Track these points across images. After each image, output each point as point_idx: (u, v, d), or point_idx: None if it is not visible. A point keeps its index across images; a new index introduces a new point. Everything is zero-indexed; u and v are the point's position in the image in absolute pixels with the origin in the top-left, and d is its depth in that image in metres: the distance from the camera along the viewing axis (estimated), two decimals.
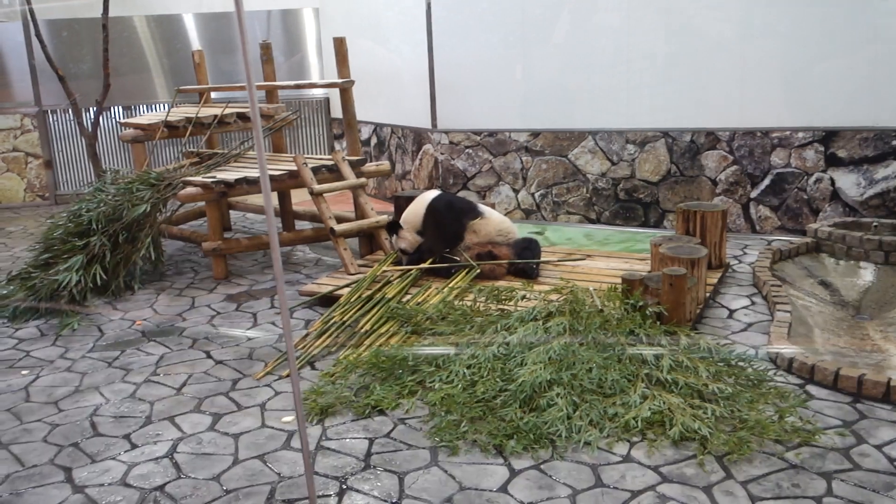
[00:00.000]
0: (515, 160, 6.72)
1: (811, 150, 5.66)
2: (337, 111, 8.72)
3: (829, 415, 3.15)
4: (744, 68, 5.82)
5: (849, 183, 5.56)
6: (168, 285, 5.32)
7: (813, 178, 5.67)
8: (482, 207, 4.91)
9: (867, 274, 4.63)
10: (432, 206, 4.89)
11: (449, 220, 4.82)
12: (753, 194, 5.91)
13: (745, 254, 5.42)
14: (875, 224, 5.01)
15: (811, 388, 3.37)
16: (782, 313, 3.99)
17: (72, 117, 8.32)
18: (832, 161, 5.60)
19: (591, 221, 6.51)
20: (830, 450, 2.90)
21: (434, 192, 5.03)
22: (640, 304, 3.77)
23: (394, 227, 4.99)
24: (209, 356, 4.03)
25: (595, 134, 6.40)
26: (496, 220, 4.87)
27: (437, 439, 3.04)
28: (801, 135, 5.67)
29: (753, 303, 4.43)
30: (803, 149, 5.68)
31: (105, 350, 4.20)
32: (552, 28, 6.41)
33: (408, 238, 4.89)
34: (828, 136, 5.59)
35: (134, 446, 3.14)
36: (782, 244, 5.07)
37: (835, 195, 5.61)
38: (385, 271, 4.73)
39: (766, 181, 5.83)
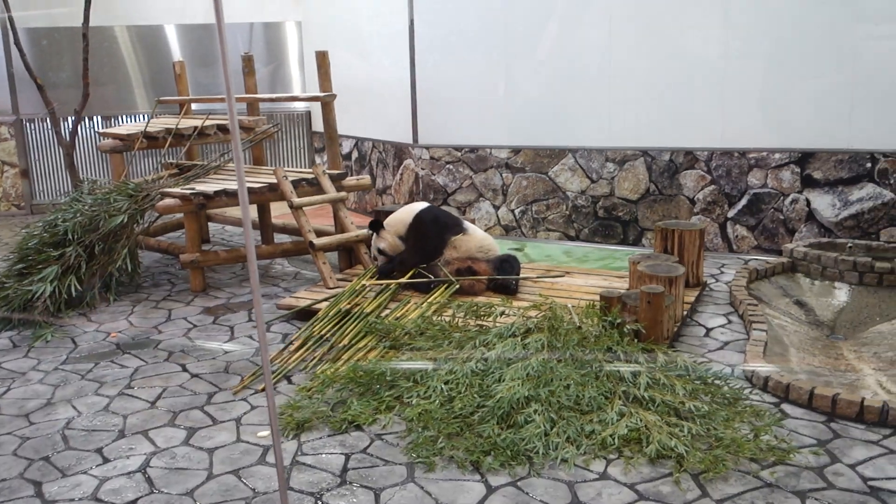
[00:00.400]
0: (496, 176, 6.73)
1: (787, 171, 5.71)
2: (318, 125, 8.71)
3: (804, 433, 3.16)
4: (723, 89, 5.86)
5: (824, 204, 5.61)
6: (144, 297, 5.28)
7: (789, 199, 5.72)
8: (466, 224, 4.92)
9: (842, 294, 4.66)
10: (419, 218, 4.90)
11: (432, 234, 4.82)
12: (731, 214, 5.94)
13: (722, 272, 5.44)
14: (850, 245, 5.04)
15: (786, 407, 3.38)
16: (758, 332, 4.01)
17: (49, 126, 8.23)
18: (808, 182, 5.65)
19: (571, 238, 6.54)
20: (805, 468, 2.90)
21: (423, 204, 5.03)
22: (618, 321, 3.77)
23: (377, 225, 4.95)
24: (185, 369, 3.99)
25: (575, 152, 6.42)
26: (478, 237, 4.87)
27: (413, 455, 3.03)
28: (777, 156, 5.72)
29: (730, 321, 4.45)
30: (780, 169, 5.72)
31: (78, 362, 4.15)
32: (534, 45, 6.43)
33: (388, 240, 4.89)
34: (804, 158, 5.63)
35: (106, 460, 3.10)
36: (759, 263, 5.06)
37: (810, 216, 5.66)
38: (364, 285, 4.72)
39: (744, 201, 5.87)
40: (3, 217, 8.46)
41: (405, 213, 4.95)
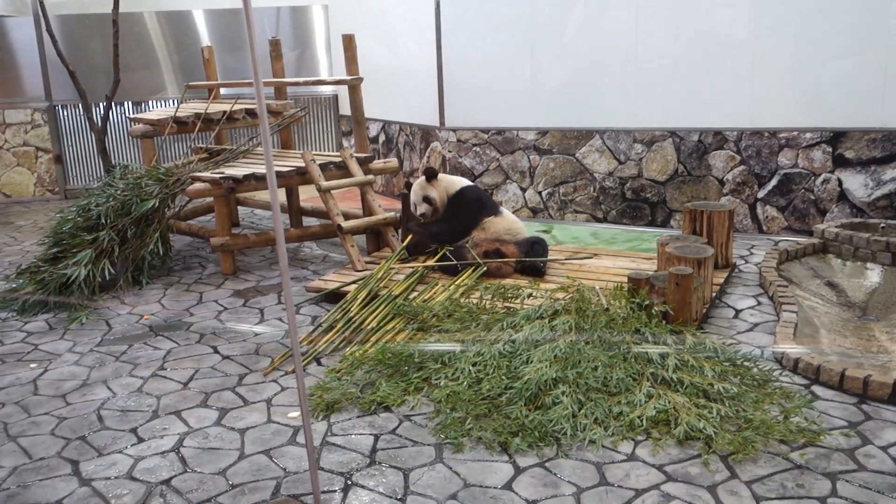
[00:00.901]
0: (523, 158, 6.73)
1: (819, 151, 5.64)
2: (345, 108, 8.71)
3: (835, 415, 3.13)
4: (753, 67, 5.78)
5: (856, 184, 5.54)
6: (176, 280, 5.32)
7: (820, 179, 5.66)
8: (502, 207, 4.99)
9: (874, 275, 4.60)
10: (462, 193, 4.91)
11: (472, 211, 4.84)
12: (760, 194, 5.90)
13: (751, 254, 5.41)
14: (882, 225, 4.99)
15: (816, 389, 3.35)
16: (788, 314, 3.98)
17: (82, 112, 8.31)
18: (840, 162, 5.58)
19: (598, 220, 6.52)
20: (835, 450, 2.88)
21: (467, 181, 5.06)
22: (646, 303, 3.77)
23: (432, 173, 4.91)
24: (216, 351, 4.02)
25: (603, 133, 6.39)
26: (508, 220, 4.91)
27: (442, 436, 3.03)
28: (808, 135, 5.66)
29: (759, 303, 4.43)
30: (811, 149, 5.67)
31: (113, 344, 4.19)
32: (561, 26, 6.39)
33: (438, 192, 4.85)
34: (836, 137, 5.56)
35: (140, 440, 3.13)
36: (789, 245, 5.06)
37: (842, 196, 5.59)
38: (392, 268, 4.74)
39: (774, 181, 5.83)
40: (38, 202, 8.59)
41: (450, 183, 4.96)
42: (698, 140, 6.06)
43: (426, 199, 4.89)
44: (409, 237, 4.88)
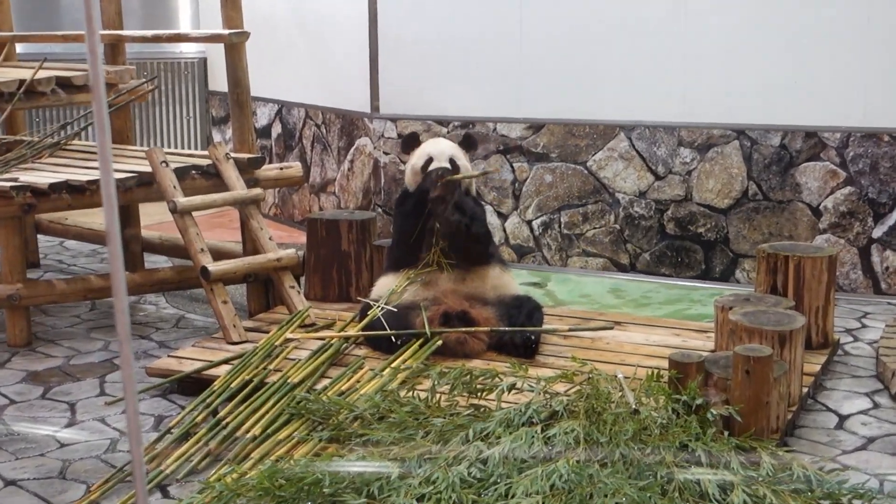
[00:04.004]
0: (503, 167, 6.72)
1: None
2: (219, 81, 8.59)
3: None
4: (865, 42, 5.87)
5: None
6: None
7: None
8: (493, 249, 5.24)
9: None
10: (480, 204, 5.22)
11: (478, 218, 5.05)
12: (877, 233, 6.00)
13: (863, 326, 5.47)
14: None
15: None
16: None
17: None
18: None
19: (622, 268, 6.53)
20: None
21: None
22: (698, 402, 3.81)
23: (411, 142, 5.18)
24: None
25: (631, 130, 6.41)
26: (495, 270, 5.11)
27: None
28: None
29: (876, 404, 4.46)
30: None
31: None
32: None
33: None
34: None
35: None
36: None
37: None
38: (290, 340, 4.79)
39: None
40: None
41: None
42: (780, 145, 6.11)
43: (453, 163, 5.04)
44: (432, 194, 4.93)
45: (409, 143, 5.19)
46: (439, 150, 5.11)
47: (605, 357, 4.67)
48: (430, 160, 5.04)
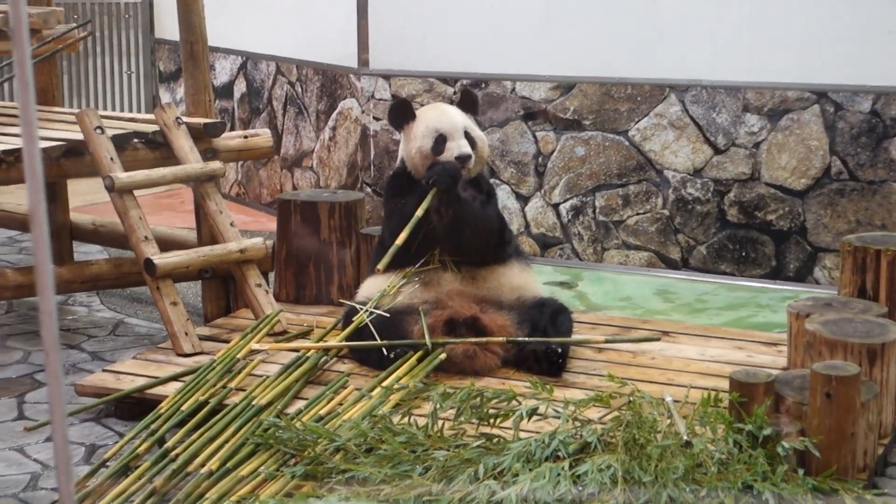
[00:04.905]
0: (523, 136, 6.68)
1: None
2: (167, 28, 8.85)
3: None
4: None
5: None
6: None
7: None
8: (513, 246, 5.30)
9: None
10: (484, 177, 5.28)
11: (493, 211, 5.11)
12: None
13: None
14: None
15: None
16: None
17: None
18: None
19: (672, 265, 6.57)
20: None
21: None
22: (766, 432, 3.76)
23: (403, 113, 5.13)
24: None
25: (684, 91, 6.46)
26: (513, 269, 5.09)
27: None
28: None
29: None
30: None
31: None
32: None
33: (478, 151, 5.08)
34: None
35: None
36: None
37: None
38: (255, 351, 4.77)
39: None
40: None
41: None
42: (871, 110, 6.14)
43: (468, 136, 5.01)
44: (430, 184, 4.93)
45: (400, 113, 5.15)
46: (451, 123, 5.05)
47: (650, 376, 4.68)
48: (441, 138, 4.99)
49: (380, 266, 4.82)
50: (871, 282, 4.76)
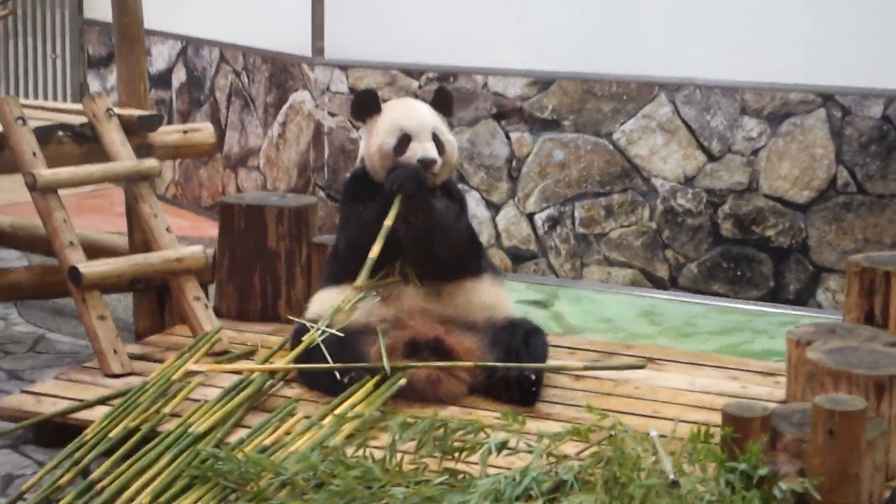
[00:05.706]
0: (495, 137, 6.64)
1: None
2: (99, 7, 8.88)
3: None
4: None
5: None
6: None
7: None
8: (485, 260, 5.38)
9: None
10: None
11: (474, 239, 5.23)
12: None
13: None
14: None
15: None
16: None
17: None
18: None
19: (658, 284, 6.62)
20: None
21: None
22: (762, 472, 3.74)
23: (367, 104, 5.14)
24: None
25: (675, 90, 6.52)
26: (484, 284, 5.13)
27: None
28: None
29: None
30: None
31: None
32: None
33: (445, 155, 5.09)
34: None
35: None
36: None
37: None
38: (193, 372, 4.81)
39: None
40: None
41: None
42: (882, 116, 6.15)
43: (437, 139, 5.02)
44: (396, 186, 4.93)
45: (364, 105, 5.17)
46: (418, 121, 5.07)
47: (634, 407, 4.69)
48: (405, 138, 5.00)
49: (358, 282, 4.84)
50: (880, 307, 4.78)
